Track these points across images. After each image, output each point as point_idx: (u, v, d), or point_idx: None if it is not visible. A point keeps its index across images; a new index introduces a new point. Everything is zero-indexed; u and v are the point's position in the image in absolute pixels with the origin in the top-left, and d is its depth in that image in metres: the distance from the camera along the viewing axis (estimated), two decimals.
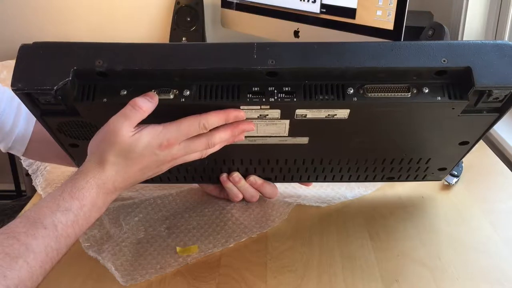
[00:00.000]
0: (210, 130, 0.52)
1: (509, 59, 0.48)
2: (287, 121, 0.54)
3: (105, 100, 0.50)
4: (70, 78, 0.48)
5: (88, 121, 0.54)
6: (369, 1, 0.96)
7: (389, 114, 0.53)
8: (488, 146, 0.87)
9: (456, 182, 0.74)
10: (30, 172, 0.80)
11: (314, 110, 0.51)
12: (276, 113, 0.52)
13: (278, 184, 0.70)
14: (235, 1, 1.25)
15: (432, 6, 1.23)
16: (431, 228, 0.65)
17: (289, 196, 0.73)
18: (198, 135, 0.52)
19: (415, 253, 0.60)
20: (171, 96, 0.50)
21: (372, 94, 0.50)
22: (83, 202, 0.49)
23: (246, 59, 0.49)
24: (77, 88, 0.50)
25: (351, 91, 0.50)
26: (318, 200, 0.72)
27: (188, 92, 0.50)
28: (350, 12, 1.00)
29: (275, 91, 0.50)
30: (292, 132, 0.56)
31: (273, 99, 0.50)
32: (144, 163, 0.52)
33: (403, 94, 0.50)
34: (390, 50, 0.49)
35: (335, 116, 0.52)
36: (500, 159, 0.82)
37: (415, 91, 0.50)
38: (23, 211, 0.71)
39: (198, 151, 0.53)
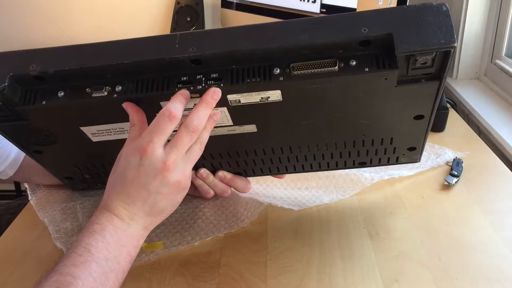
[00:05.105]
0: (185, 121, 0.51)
1: (431, 21, 0.46)
2: (225, 109, 0.54)
3: (44, 102, 0.52)
4: (7, 84, 0.50)
5: (35, 126, 0.56)
6: (369, 1, 0.96)
7: (324, 92, 0.52)
8: (488, 146, 0.87)
9: (456, 182, 0.74)
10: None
11: (245, 94, 0.51)
12: None
13: (253, 184, 0.68)
14: (235, 1, 1.25)
15: None
16: (431, 228, 0.65)
17: (264, 196, 0.71)
18: (178, 130, 0.51)
19: (415, 253, 0.60)
20: (105, 93, 0.52)
21: (298, 72, 0.49)
22: (102, 225, 0.50)
23: (169, 49, 0.49)
24: (19, 94, 0.52)
25: (277, 71, 0.50)
26: (292, 203, 0.70)
27: (120, 88, 0.52)
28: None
29: (203, 78, 0.51)
30: (236, 120, 0.56)
31: (200, 87, 0.50)
32: (136, 177, 0.50)
33: (329, 68, 0.49)
34: (313, 26, 0.48)
35: (269, 99, 0.52)
36: (500, 159, 0.82)
37: (342, 65, 0.49)
38: (24, 209, 0.72)
39: (189, 144, 0.51)
